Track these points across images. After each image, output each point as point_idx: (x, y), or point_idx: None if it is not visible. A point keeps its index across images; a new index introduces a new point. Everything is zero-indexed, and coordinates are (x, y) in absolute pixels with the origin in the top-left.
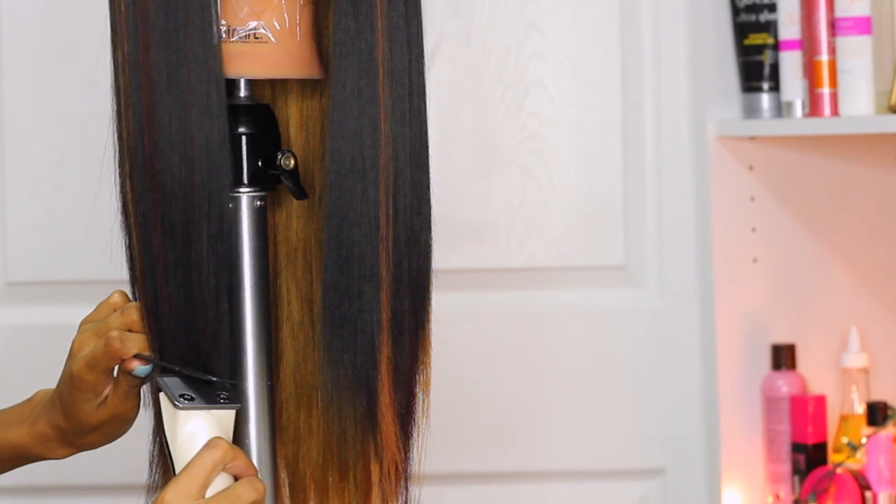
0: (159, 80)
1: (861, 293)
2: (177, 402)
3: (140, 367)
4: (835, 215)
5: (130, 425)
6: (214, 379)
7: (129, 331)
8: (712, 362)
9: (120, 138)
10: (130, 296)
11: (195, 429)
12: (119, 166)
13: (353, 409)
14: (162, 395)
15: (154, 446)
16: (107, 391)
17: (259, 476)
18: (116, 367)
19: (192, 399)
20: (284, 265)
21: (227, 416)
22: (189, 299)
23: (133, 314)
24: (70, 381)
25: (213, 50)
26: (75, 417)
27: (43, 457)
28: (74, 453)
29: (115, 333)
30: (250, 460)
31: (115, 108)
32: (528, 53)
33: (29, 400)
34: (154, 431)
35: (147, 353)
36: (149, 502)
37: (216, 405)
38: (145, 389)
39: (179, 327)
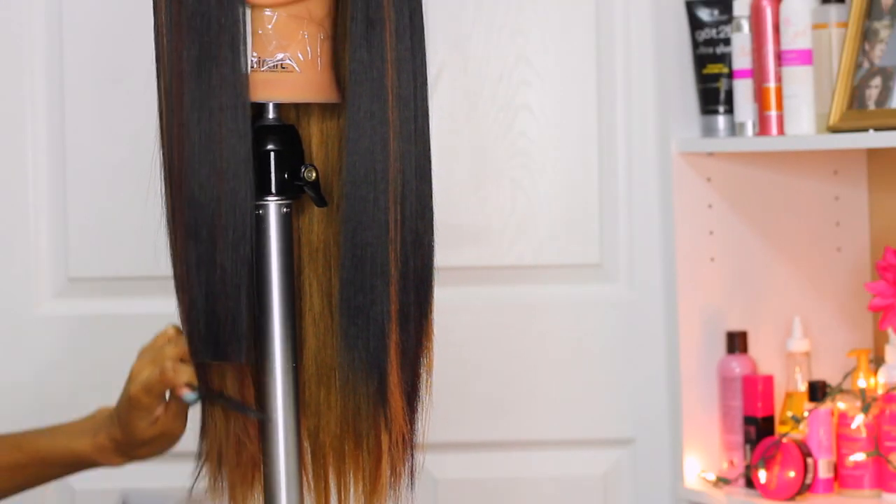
0: (192, 105)
1: (803, 287)
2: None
3: (188, 394)
4: (781, 220)
5: (177, 441)
6: (251, 410)
7: (181, 361)
8: (675, 347)
9: (163, 154)
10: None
11: None
12: (163, 178)
13: (366, 387)
14: None
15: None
16: (159, 411)
17: (283, 445)
18: (168, 392)
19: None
20: (307, 263)
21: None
22: (214, 293)
23: (183, 345)
24: (128, 401)
25: (241, 78)
26: (131, 433)
27: (100, 464)
28: (128, 462)
29: (168, 364)
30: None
31: (159, 127)
32: (518, 81)
33: (91, 416)
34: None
35: (195, 383)
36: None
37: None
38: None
39: (206, 318)
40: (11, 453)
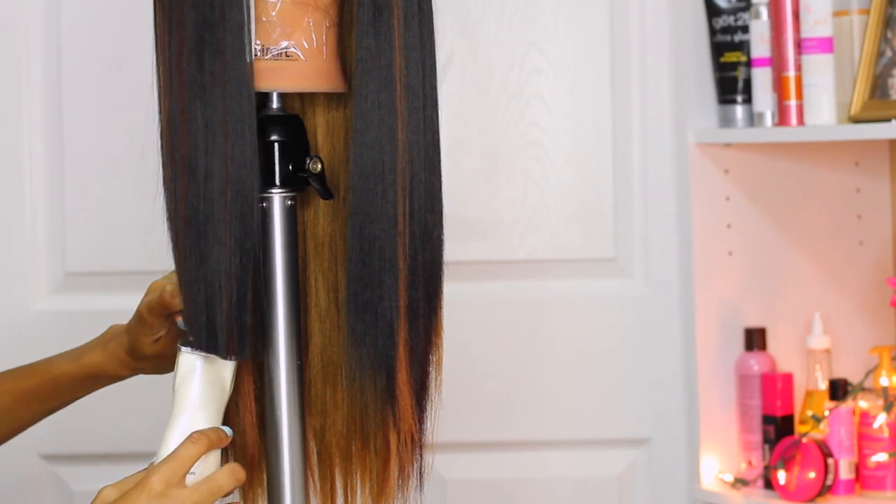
0: (195, 95)
1: (824, 282)
2: (181, 346)
3: (181, 321)
4: (801, 213)
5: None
6: None
7: None
8: (692, 344)
9: (165, 145)
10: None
11: (191, 367)
12: (164, 169)
13: (373, 385)
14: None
15: None
16: (161, 333)
17: (287, 445)
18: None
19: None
20: (312, 257)
21: (226, 366)
22: (217, 288)
23: None
24: (138, 315)
25: (246, 67)
26: (134, 346)
27: (110, 375)
28: (133, 375)
29: (169, 288)
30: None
31: (160, 119)
32: (529, 69)
33: (103, 333)
34: None
35: None
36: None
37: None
38: None
39: (209, 314)
40: (25, 379)
